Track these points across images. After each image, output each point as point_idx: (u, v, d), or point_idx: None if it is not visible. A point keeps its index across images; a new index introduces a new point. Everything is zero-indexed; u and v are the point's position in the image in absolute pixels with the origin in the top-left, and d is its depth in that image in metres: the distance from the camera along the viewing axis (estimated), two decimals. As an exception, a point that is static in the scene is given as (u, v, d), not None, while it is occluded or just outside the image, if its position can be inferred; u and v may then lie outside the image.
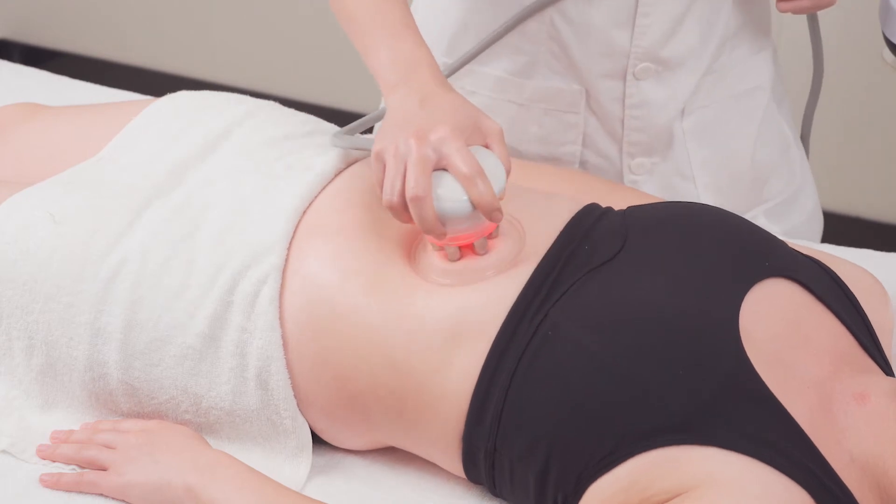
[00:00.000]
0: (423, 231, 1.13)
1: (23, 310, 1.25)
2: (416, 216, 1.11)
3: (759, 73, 1.50)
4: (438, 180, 1.11)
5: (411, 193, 1.10)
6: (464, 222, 1.12)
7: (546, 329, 1.12)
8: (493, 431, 1.12)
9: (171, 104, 1.42)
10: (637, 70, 1.41)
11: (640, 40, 1.39)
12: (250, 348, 1.20)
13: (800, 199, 1.58)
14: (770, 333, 1.11)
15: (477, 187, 1.10)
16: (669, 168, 1.48)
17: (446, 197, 1.11)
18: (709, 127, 1.48)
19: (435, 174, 1.11)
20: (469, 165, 1.10)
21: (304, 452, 1.23)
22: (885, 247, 1.62)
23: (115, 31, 3.28)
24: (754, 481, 1.03)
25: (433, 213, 1.11)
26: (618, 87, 1.42)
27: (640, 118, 1.44)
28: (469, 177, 1.10)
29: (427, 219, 1.11)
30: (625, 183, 1.48)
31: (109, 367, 1.23)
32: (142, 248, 1.24)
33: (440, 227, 1.12)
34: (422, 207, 1.10)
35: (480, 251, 1.16)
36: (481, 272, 1.16)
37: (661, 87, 1.43)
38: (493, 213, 1.12)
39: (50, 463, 1.24)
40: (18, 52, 3.39)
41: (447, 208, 1.11)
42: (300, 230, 1.24)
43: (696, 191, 1.50)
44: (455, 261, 1.17)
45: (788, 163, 1.56)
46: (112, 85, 1.98)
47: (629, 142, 1.46)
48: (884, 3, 1.40)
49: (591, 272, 1.15)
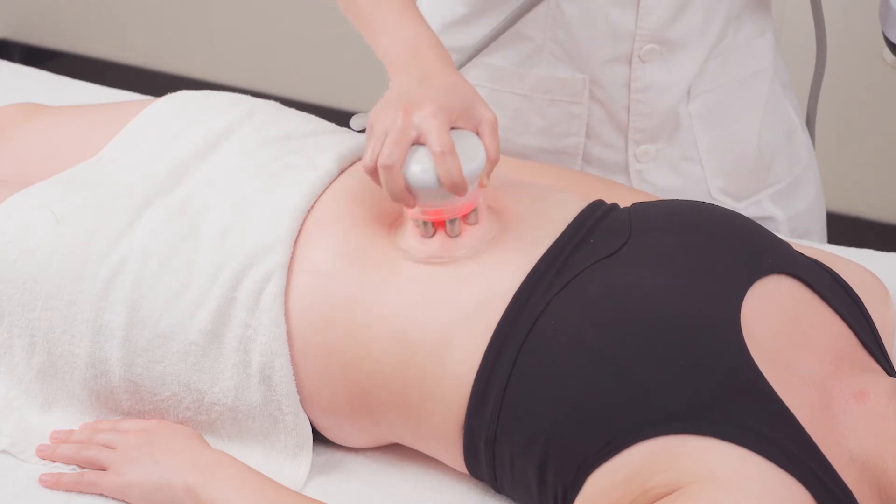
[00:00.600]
0: (392, 199, 1.16)
1: (24, 308, 1.25)
2: (384, 183, 1.15)
3: (762, 56, 1.51)
4: (413, 153, 1.16)
5: (382, 161, 1.14)
6: (432, 196, 1.16)
7: (548, 318, 1.12)
8: (494, 420, 1.13)
9: (171, 104, 1.43)
10: (642, 52, 1.41)
11: (645, 21, 1.40)
12: (254, 344, 1.20)
13: (803, 183, 1.58)
14: (771, 331, 1.12)
15: (444, 163, 1.13)
16: (675, 152, 1.49)
17: (416, 170, 1.15)
18: (715, 110, 1.49)
19: (413, 148, 1.16)
20: (441, 143, 1.14)
21: (304, 451, 1.23)
22: (885, 247, 1.62)
23: (115, 31, 3.28)
24: (753, 477, 1.03)
25: (401, 182, 1.15)
26: (623, 71, 1.43)
27: (646, 102, 1.45)
28: (439, 153, 1.13)
29: (394, 187, 1.15)
30: (630, 172, 1.49)
31: (111, 365, 1.24)
32: (142, 247, 1.24)
33: (408, 196, 1.16)
34: (390, 175, 1.14)
35: (451, 233, 1.20)
36: (449, 252, 1.19)
37: (665, 70, 1.43)
38: (457, 189, 1.14)
39: (50, 463, 1.24)
40: (18, 52, 3.39)
41: (415, 180, 1.15)
42: (305, 227, 1.24)
43: (703, 174, 1.50)
44: (429, 238, 1.20)
45: (793, 146, 1.57)
46: (112, 85, 1.98)
47: (634, 128, 1.46)
48: (884, 3, 1.40)
49: (595, 265, 1.16)
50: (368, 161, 1.16)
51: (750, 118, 1.51)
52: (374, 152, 1.15)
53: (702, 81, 1.46)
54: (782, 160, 1.55)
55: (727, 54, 1.47)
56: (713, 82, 1.47)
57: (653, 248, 1.17)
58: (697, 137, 1.49)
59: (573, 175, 1.43)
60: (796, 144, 1.57)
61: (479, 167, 1.16)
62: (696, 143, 1.49)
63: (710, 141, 1.49)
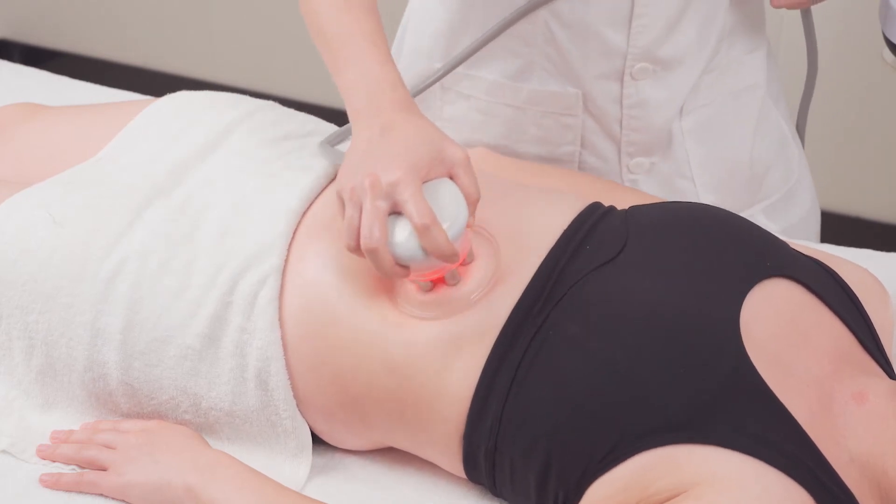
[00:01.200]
0: (384, 277, 1.13)
1: (22, 310, 1.25)
2: (373, 265, 1.11)
3: (754, 72, 1.50)
4: (394, 225, 1.11)
5: (365, 245, 1.10)
6: (424, 264, 1.12)
7: (547, 330, 1.12)
8: (494, 431, 1.12)
9: (171, 104, 1.42)
10: (634, 70, 1.41)
11: (636, 40, 1.39)
12: (250, 349, 1.20)
13: (797, 194, 1.58)
14: (771, 333, 1.11)
15: (429, 236, 1.09)
16: (668, 168, 1.48)
17: (401, 244, 1.11)
18: (707, 126, 1.48)
19: (391, 218, 1.11)
20: (421, 214, 1.09)
21: (303, 453, 1.23)
22: (885, 247, 1.62)
23: (115, 31, 3.28)
24: (754, 480, 1.03)
25: (390, 261, 1.11)
26: (615, 88, 1.42)
27: (639, 118, 1.44)
28: (421, 227, 1.09)
29: (385, 267, 1.11)
30: (623, 183, 1.48)
31: (109, 368, 1.23)
32: (142, 248, 1.24)
33: (401, 271, 1.12)
34: (377, 257, 1.10)
35: (451, 282, 1.16)
36: (462, 301, 1.15)
37: (659, 87, 1.42)
38: (449, 258, 1.11)
39: (50, 463, 1.24)
40: (18, 52, 3.39)
41: (403, 255, 1.11)
42: (300, 231, 1.24)
43: (695, 189, 1.50)
44: (427, 291, 1.16)
45: (786, 158, 1.56)
46: (112, 85, 1.98)
47: (627, 141, 1.46)
48: (884, 3, 1.40)
49: (593, 272, 1.15)
50: (350, 240, 1.11)
51: (742, 133, 1.50)
52: (350, 230, 1.10)
53: (695, 97, 1.46)
54: (775, 173, 1.55)
55: (721, 70, 1.47)
56: (706, 98, 1.47)
57: (651, 251, 1.17)
58: (690, 154, 1.48)
59: (571, 175, 1.43)
60: (789, 156, 1.57)
61: (462, 223, 1.11)
62: (689, 160, 1.48)
63: (703, 157, 1.49)
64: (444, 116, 1.51)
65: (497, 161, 1.43)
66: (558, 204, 1.24)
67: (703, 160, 1.49)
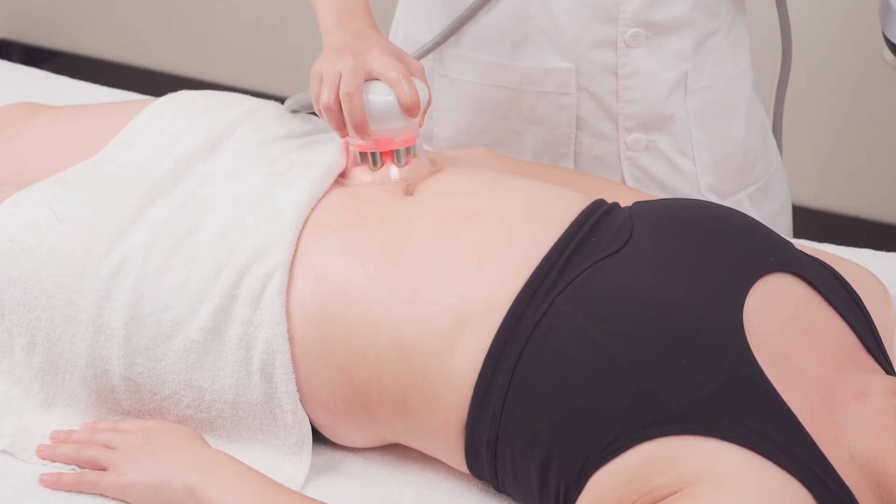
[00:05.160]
0: (351, 126, 1.24)
1: (24, 307, 1.25)
2: (346, 111, 1.23)
3: (745, 57, 1.54)
4: (369, 85, 1.26)
5: (343, 90, 1.23)
6: (388, 121, 1.26)
7: (551, 318, 1.12)
8: (496, 420, 1.13)
9: (172, 104, 1.43)
10: (627, 37, 1.43)
11: (626, 3, 1.41)
12: (255, 341, 1.20)
13: (774, 184, 1.61)
14: (773, 329, 1.12)
15: (402, 87, 1.24)
16: (669, 146, 1.50)
17: (374, 98, 1.25)
18: (711, 107, 1.51)
19: (367, 82, 1.25)
20: (397, 70, 1.24)
21: (304, 450, 1.23)
22: (885, 247, 1.62)
23: (115, 31, 3.28)
24: (753, 477, 1.03)
25: (362, 109, 1.23)
26: (609, 57, 1.44)
27: (634, 88, 1.46)
28: (396, 79, 1.24)
29: (356, 114, 1.23)
30: (622, 159, 1.50)
31: (112, 364, 1.24)
32: (144, 245, 1.24)
33: (366, 125, 1.24)
34: (352, 102, 1.23)
35: (398, 164, 1.29)
36: (398, 177, 1.28)
37: (652, 56, 1.45)
38: (412, 110, 1.24)
39: (50, 463, 1.24)
40: (18, 52, 3.40)
41: (373, 102, 1.25)
42: (307, 225, 1.24)
43: (694, 169, 1.52)
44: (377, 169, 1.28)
45: (767, 148, 1.60)
46: (112, 85, 1.99)
47: (624, 115, 1.47)
48: (884, 3, 1.40)
49: (597, 264, 1.16)
50: (329, 98, 1.23)
51: (738, 117, 1.54)
52: (331, 89, 1.23)
53: (698, 76, 1.48)
54: (761, 160, 1.59)
55: (720, 51, 1.48)
56: (709, 79, 1.49)
57: (655, 246, 1.17)
58: (693, 133, 1.50)
59: (573, 175, 1.43)
60: (769, 146, 1.60)
61: (426, 96, 1.27)
62: (692, 139, 1.50)
63: (704, 138, 1.51)
64: (438, 107, 1.53)
65: (499, 160, 1.43)
66: (564, 198, 1.25)
67: (705, 141, 1.52)
